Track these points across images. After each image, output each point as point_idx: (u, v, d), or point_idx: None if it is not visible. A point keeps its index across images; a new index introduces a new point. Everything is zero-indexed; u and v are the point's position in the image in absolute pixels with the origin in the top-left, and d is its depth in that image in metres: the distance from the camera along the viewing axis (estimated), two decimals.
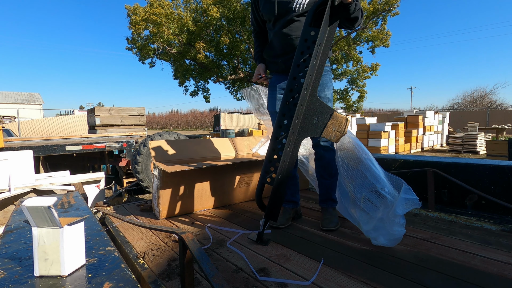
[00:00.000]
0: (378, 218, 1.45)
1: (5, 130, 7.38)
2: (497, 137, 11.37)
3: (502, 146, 8.07)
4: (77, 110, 21.15)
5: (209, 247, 1.53)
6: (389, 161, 2.44)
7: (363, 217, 1.51)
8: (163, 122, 57.55)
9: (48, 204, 0.78)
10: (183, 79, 19.25)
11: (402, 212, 1.40)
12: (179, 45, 16.87)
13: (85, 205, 1.63)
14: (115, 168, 5.65)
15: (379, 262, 1.31)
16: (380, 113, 31.60)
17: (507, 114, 20.93)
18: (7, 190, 2.52)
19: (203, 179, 2.15)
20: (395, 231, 1.43)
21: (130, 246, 1.55)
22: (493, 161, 2.03)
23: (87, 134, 6.42)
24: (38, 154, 3.85)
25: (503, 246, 1.44)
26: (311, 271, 1.25)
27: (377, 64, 17.55)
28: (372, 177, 1.55)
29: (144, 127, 6.95)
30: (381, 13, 15.41)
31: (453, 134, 11.89)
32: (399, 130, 9.90)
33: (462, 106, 32.47)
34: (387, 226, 1.43)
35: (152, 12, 14.89)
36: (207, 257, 0.92)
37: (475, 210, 2.00)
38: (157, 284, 1.16)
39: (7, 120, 15.43)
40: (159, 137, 4.32)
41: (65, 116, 18.47)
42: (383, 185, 1.51)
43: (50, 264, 0.81)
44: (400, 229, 1.43)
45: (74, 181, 2.93)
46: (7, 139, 4.30)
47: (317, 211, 2.08)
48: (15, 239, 1.08)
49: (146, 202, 2.33)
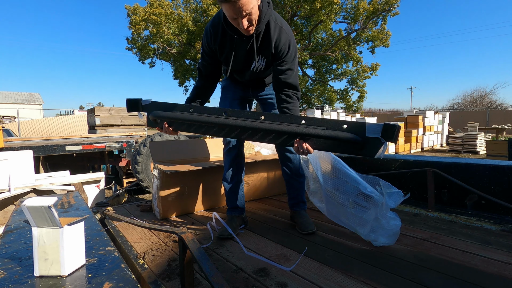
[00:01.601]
0: (372, 219, 1.46)
1: (5, 130, 7.38)
2: (497, 137, 11.37)
3: (502, 146, 8.07)
4: (77, 110, 21.16)
5: (209, 247, 1.53)
6: (389, 161, 2.44)
7: (357, 221, 1.52)
8: None
9: (48, 204, 0.78)
10: (183, 79, 19.25)
11: (395, 205, 1.42)
12: (179, 45, 16.88)
13: (85, 205, 1.63)
14: (115, 168, 5.65)
15: (379, 262, 1.31)
16: (380, 113, 31.62)
17: (507, 114, 20.95)
18: (7, 190, 2.52)
19: (203, 179, 2.15)
20: (393, 226, 1.44)
21: (130, 246, 1.55)
22: (493, 161, 2.03)
23: (87, 134, 6.43)
24: (38, 154, 3.85)
25: (503, 246, 1.44)
26: (311, 271, 1.25)
27: (377, 64, 17.57)
28: (353, 181, 1.57)
29: (144, 127, 6.95)
30: (381, 13, 15.41)
31: (453, 134, 11.90)
32: None
33: (462, 106, 32.48)
34: (383, 224, 1.44)
35: (152, 12, 14.90)
36: (207, 257, 0.92)
37: (475, 210, 2.00)
38: (157, 284, 1.16)
39: (7, 120, 15.42)
40: (159, 137, 4.32)
41: (65, 116, 18.47)
42: (365, 186, 1.53)
43: (50, 264, 0.81)
44: (396, 222, 1.45)
45: (74, 181, 2.93)
46: (7, 139, 4.30)
47: (316, 211, 2.08)
48: (15, 239, 1.08)
49: (146, 202, 2.33)
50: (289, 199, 1.87)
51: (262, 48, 1.54)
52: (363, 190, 1.50)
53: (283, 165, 1.83)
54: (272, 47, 1.51)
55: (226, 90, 1.84)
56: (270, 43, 1.50)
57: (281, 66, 1.53)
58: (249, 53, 1.55)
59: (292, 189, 1.84)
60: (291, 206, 1.86)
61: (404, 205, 2.14)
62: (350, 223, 1.56)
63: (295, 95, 1.56)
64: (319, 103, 20.44)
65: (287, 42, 1.51)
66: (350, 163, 1.77)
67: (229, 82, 1.83)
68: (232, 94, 1.82)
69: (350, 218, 1.56)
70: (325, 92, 19.92)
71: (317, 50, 18.31)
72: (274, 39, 1.49)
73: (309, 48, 17.27)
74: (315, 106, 19.64)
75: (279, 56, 1.52)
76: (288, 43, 1.51)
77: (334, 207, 1.64)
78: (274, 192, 2.59)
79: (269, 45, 1.51)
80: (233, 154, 1.79)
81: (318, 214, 1.96)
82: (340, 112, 13.40)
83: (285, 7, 15.34)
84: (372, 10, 15.34)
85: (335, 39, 17.49)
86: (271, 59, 1.57)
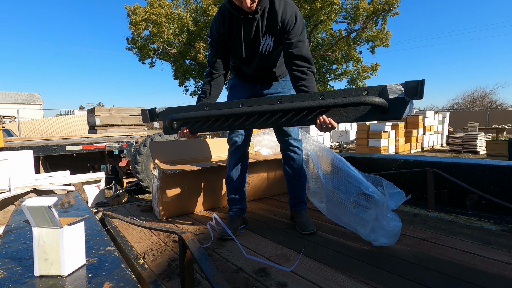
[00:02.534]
0: (373, 219, 1.46)
1: (5, 130, 7.38)
2: (497, 137, 11.37)
3: (502, 146, 8.07)
4: (77, 110, 21.16)
5: (209, 247, 1.53)
6: (389, 161, 2.44)
7: (358, 221, 1.52)
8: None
9: (48, 204, 0.78)
10: (183, 79, 19.26)
11: (396, 206, 1.42)
12: (179, 45, 16.88)
13: (85, 205, 1.63)
14: (115, 168, 5.65)
15: (379, 262, 1.31)
16: None
17: (507, 114, 20.94)
18: (7, 190, 2.52)
19: (203, 179, 2.15)
20: (393, 227, 1.44)
21: (130, 246, 1.55)
22: (493, 161, 2.03)
23: (87, 134, 6.43)
24: (38, 154, 3.85)
25: (503, 246, 1.44)
26: (311, 271, 1.25)
27: (377, 64, 17.57)
28: (355, 181, 1.56)
29: (144, 127, 6.96)
30: (381, 13, 15.42)
31: (453, 134, 11.90)
32: (399, 130, 9.90)
33: (462, 106, 32.47)
34: (384, 225, 1.44)
35: (152, 12, 14.91)
36: (207, 257, 0.92)
37: (475, 210, 2.00)
38: (157, 284, 1.16)
39: (7, 120, 15.43)
40: (159, 137, 4.32)
41: (65, 116, 18.48)
42: (367, 185, 1.53)
43: (50, 264, 0.81)
44: (396, 224, 1.45)
45: (74, 181, 2.93)
46: (7, 139, 4.30)
47: (316, 211, 2.08)
48: (15, 239, 1.08)
49: (146, 202, 2.33)
50: (289, 199, 1.87)
51: (268, 26, 1.54)
52: (365, 190, 1.50)
53: (285, 165, 1.83)
54: (279, 22, 1.51)
55: (234, 89, 1.83)
56: (276, 18, 1.51)
57: (291, 40, 1.52)
58: (256, 33, 1.56)
59: (294, 189, 1.84)
60: (291, 206, 1.86)
61: (404, 205, 2.14)
62: (350, 223, 1.56)
63: (310, 70, 1.52)
64: None
65: (293, 14, 1.51)
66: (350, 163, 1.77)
67: (237, 81, 1.83)
68: (240, 93, 1.80)
69: (350, 217, 1.56)
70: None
71: (317, 50, 18.32)
72: (280, 14, 1.50)
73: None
74: None
75: (287, 30, 1.52)
76: (294, 15, 1.51)
77: (335, 207, 1.64)
78: (274, 192, 2.59)
79: (275, 21, 1.52)
80: (238, 155, 1.80)
81: (318, 214, 1.96)
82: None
83: None
84: (372, 10, 15.35)
85: (335, 39, 17.49)
86: (279, 37, 1.57)
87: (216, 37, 1.61)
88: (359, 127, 10.06)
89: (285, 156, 1.82)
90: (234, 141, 1.78)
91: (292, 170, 1.81)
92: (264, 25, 1.54)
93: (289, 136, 1.78)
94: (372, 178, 1.58)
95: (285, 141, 1.79)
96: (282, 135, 1.80)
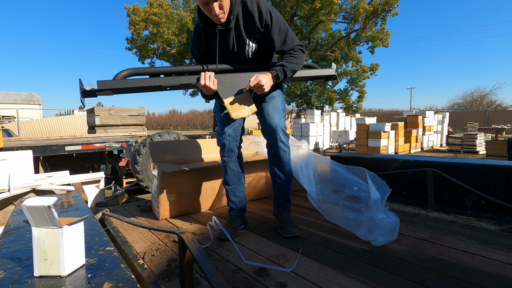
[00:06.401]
0: (367, 219, 1.47)
1: (5, 130, 7.37)
2: (497, 137, 11.38)
3: (501, 146, 8.08)
4: (77, 110, 21.12)
5: (209, 247, 1.53)
6: (388, 161, 2.44)
7: (352, 223, 1.53)
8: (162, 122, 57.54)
9: (48, 204, 0.78)
10: None
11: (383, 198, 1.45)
12: (179, 45, 16.88)
13: (85, 205, 1.63)
14: (115, 168, 5.65)
15: (379, 262, 1.31)
16: (380, 113, 31.62)
17: (507, 114, 20.95)
18: (6, 190, 2.52)
19: (203, 179, 2.15)
20: (387, 223, 1.45)
21: (130, 247, 1.55)
22: (493, 161, 2.03)
23: (86, 134, 6.42)
24: (38, 154, 3.85)
25: (503, 246, 1.44)
26: (311, 271, 1.25)
27: (376, 64, 17.59)
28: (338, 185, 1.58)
29: (144, 127, 6.96)
30: (380, 13, 15.43)
31: (452, 134, 11.90)
32: (398, 130, 9.90)
33: (461, 106, 32.49)
34: (378, 223, 1.45)
35: (152, 12, 14.91)
36: (207, 257, 0.92)
37: (475, 210, 2.00)
38: (157, 284, 1.16)
39: (7, 120, 15.41)
40: (159, 137, 4.32)
41: (65, 116, 18.46)
42: (350, 184, 1.53)
43: (50, 264, 0.81)
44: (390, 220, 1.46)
45: (73, 181, 2.93)
46: (7, 139, 4.29)
47: (316, 211, 2.08)
48: (15, 239, 1.08)
49: (146, 203, 2.33)
50: (274, 198, 1.82)
51: (247, 29, 1.55)
52: (349, 191, 1.51)
53: (271, 163, 1.76)
54: (257, 23, 1.52)
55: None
56: (253, 20, 1.52)
57: (274, 35, 1.55)
58: (238, 41, 1.57)
59: (280, 189, 1.77)
60: (275, 205, 1.81)
61: (404, 205, 2.14)
62: (346, 227, 1.57)
63: (300, 49, 1.61)
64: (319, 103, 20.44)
65: (267, 10, 1.52)
66: (350, 163, 1.77)
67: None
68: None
69: (345, 222, 1.57)
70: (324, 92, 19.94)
71: (317, 50, 18.33)
72: (256, 15, 1.51)
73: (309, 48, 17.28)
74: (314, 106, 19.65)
75: (267, 27, 1.53)
76: (268, 11, 1.52)
77: (329, 213, 1.67)
78: None
79: (253, 23, 1.52)
80: (231, 156, 1.75)
81: (318, 214, 1.96)
82: (340, 112, 13.40)
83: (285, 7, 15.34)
84: (372, 10, 15.36)
85: (335, 39, 17.50)
86: (261, 37, 1.58)
87: (198, 55, 1.67)
88: (359, 127, 10.07)
89: (270, 153, 1.72)
90: (222, 144, 1.74)
91: (278, 168, 1.72)
92: (242, 32, 1.54)
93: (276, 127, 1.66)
94: (356, 170, 1.60)
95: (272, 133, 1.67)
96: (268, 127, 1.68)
